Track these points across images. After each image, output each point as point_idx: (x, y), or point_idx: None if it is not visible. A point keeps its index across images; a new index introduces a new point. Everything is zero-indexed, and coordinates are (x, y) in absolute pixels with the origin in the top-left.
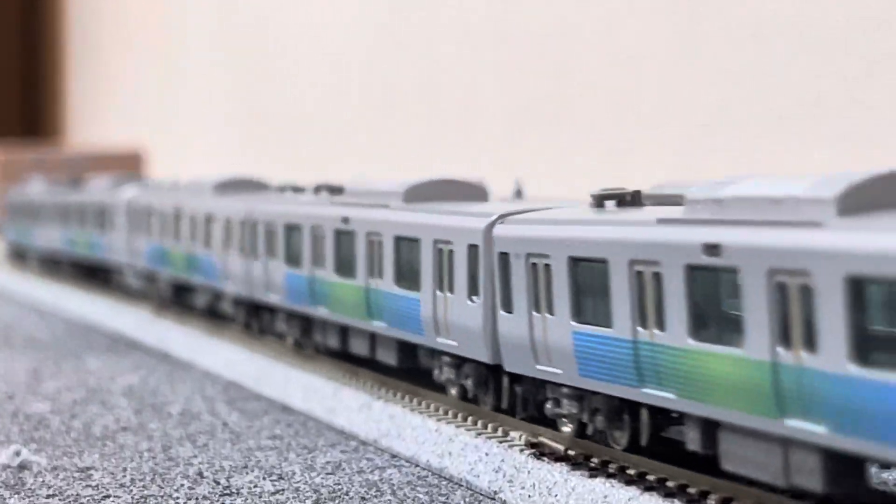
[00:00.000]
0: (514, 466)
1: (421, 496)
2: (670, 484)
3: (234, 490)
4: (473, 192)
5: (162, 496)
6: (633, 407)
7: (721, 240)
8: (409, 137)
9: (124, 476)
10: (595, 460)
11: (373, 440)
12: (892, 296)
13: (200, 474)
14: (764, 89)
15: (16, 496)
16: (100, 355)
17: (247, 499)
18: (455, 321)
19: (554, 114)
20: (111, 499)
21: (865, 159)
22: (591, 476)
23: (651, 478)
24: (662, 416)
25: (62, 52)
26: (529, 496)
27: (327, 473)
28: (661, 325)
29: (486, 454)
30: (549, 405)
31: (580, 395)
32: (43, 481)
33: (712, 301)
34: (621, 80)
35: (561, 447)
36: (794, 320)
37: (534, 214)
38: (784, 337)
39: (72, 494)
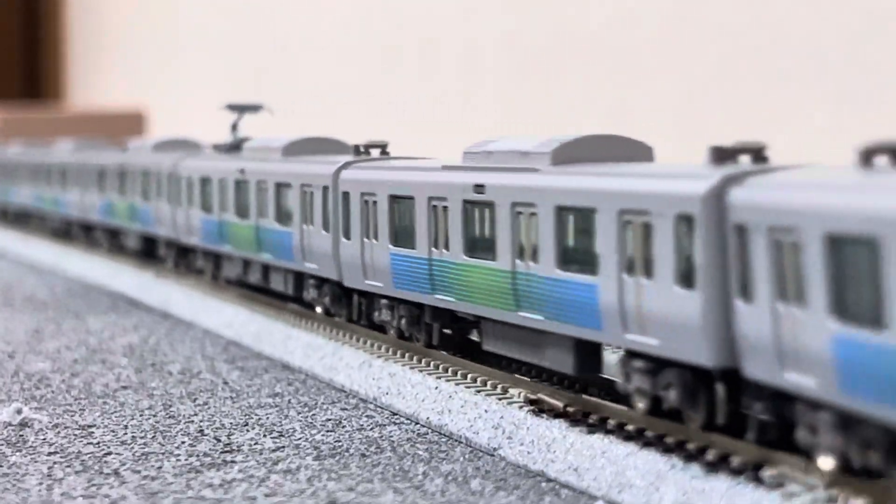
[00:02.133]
0: (513, 423)
1: (421, 453)
2: (668, 440)
3: (234, 447)
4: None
5: (163, 453)
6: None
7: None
8: (409, 96)
9: (125, 433)
10: (594, 417)
11: (373, 398)
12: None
13: (201, 432)
14: (764, 47)
15: (17, 453)
16: (100, 315)
17: (247, 456)
18: (314, 247)
19: (553, 71)
20: (112, 456)
21: (866, 116)
22: (590, 432)
23: (649, 434)
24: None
25: (63, 14)
26: (528, 452)
27: (327, 431)
28: (446, 246)
29: (486, 411)
30: (375, 313)
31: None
32: (44, 439)
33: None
34: (621, 38)
35: (559, 404)
36: (526, 241)
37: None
38: (520, 253)
39: (73, 452)
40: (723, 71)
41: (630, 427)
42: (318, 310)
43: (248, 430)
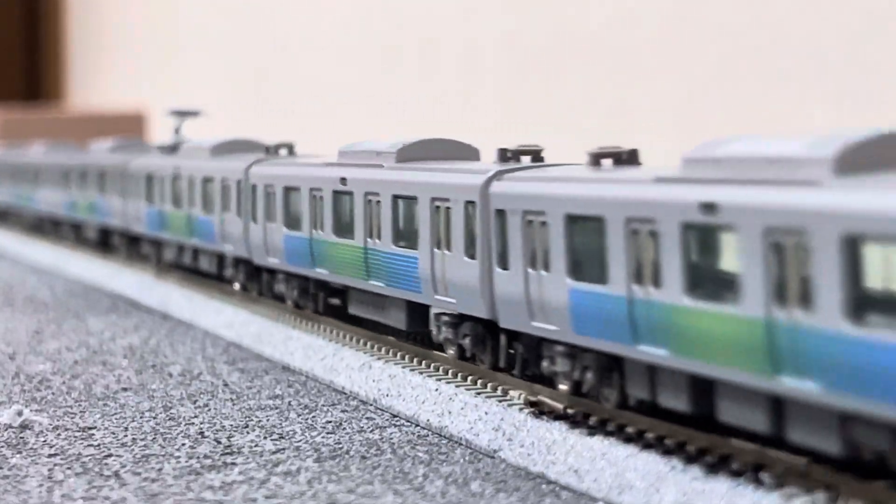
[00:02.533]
0: (513, 425)
1: (421, 455)
2: (668, 442)
3: (235, 449)
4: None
5: (163, 455)
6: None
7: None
8: (409, 96)
9: (126, 435)
10: (594, 419)
11: (373, 399)
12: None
13: (202, 434)
14: (764, 46)
15: (18, 455)
16: (101, 316)
17: (248, 458)
18: (231, 231)
19: (554, 71)
20: (113, 458)
21: (866, 116)
22: (590, 434)
23: (650, 436)
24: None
25: (63, 15)
26: (529, 454)
27: (328, 433)
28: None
29: (486, 413)
30: (276, 286)
31: None
32: (45, 441)
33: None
34: (622, 38)
35: (560, 406)
36: (374, 224)
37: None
38: (370, 232)
39: (73, 454)
40: (723, 70)
41: (630, 429)
42: (236, 286)
43: (248, 432)
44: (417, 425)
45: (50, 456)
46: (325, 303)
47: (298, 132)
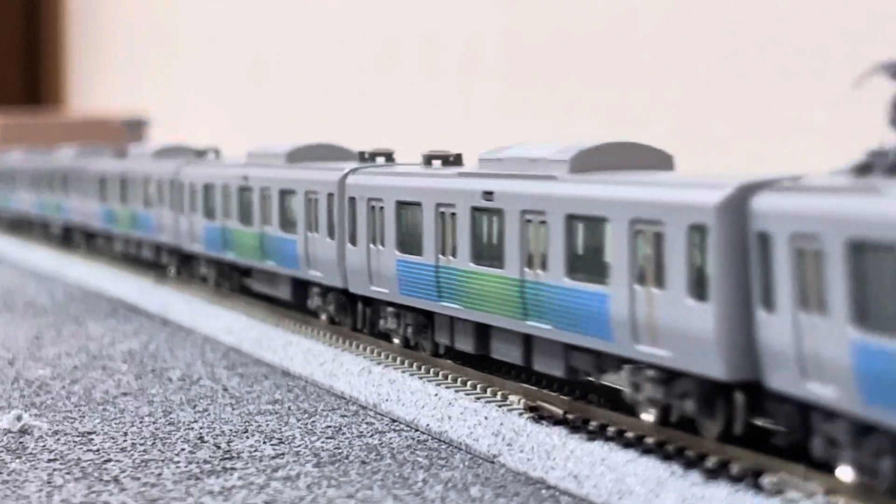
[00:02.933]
0: (512, 430)
1: (421, 460)
2: (668, 447)
3: (234, 454)
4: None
5: (163, 460)
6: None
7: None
8: (409, 96)
9: (125, 440)
10: (593, 423)
11: (373, 404)
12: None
13: (201, 438)
14: (765, 46)
15: (17, 460)
16: (100, 321)
17: (247, 463)
18: (164, 222)
19: (554, 71)
20: (112, 462)
21: (867, 116)
22: (590, 439)
23: (649, 441)
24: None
25: (63, 21)
26: (528, 459)
27: (327, 437)
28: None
29: (486, 418)
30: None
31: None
32: (44, 446)
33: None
34: (621, 38)
35: (559, 411)
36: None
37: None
38: (265, 220)
39: (73, 458)
40: (724, 70)
41: (630, 434)
42: (172, 271)
43: (247, 437)
44: (417, 430)
45: (49, 461)
46: (239, 283)
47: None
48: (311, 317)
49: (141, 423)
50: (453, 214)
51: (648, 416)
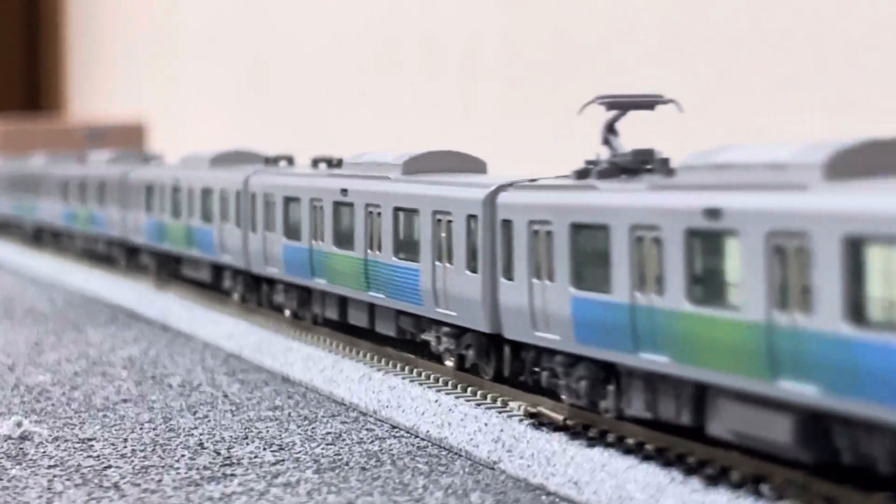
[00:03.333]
0: (513, 436)
1: (421, 466)
2: (668, 454)
3: (234, 460)
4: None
5: (163, 466)
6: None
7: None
8: (409, 103)
9: (125, 446)
10: (593, 430)
11: (373, 411)
12: None
13: (201, 445)
14: (764, 55)
15: (17, 466)
16: (100, 327)
17: (247, 469)
18: (113, 218)
19: (553, 80)
20: (112, 469)
21: (866, 125)
22: (590, 445)
23: (649, 447)
24: None
25: (63, 28)
26: (528, 466)
27: (327, 444)
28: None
29: (486, 424)
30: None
31: None
32: (44, 452)
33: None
34: (621, 47)
35: (560, 417)
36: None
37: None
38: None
39: (73, 465)
40: (724, 76)
41: (630, 440)
42: (121, 262)
43: (248, 444)
44: (417, 436)
45: (49, 467)
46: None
47: (299, 138)
48: (225, 295)
49: (141, 429)
50: (321, 207)
51: (449, 363)
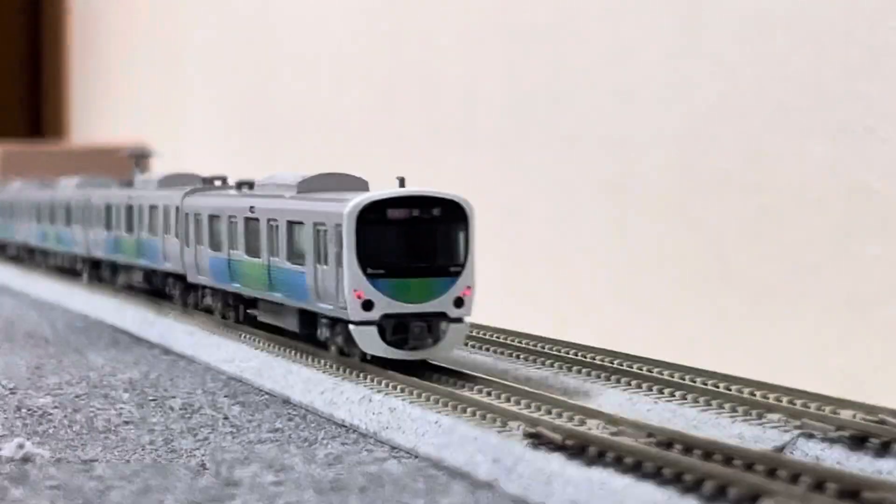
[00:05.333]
0: (511, 456)
1: (420, 486)
2: (666, 472)
3: (235, 482)
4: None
5: (165, 488)
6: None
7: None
8: (409, 132)
9: (127, 468)
10: (592, 449)
11: (373, 432)
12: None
13: (202, 466)
14: (764, 80)
15: (20, 488)
16: (101, 350)
17: (248, 490)
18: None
19: (553, 105)
20: (114, 490)
21: (866, 150)
22: (588, 465)
23: (647, 466)
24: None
25: (64, 57)
26: (527, 485)
27: (327, 465)
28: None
29: (485, 444)
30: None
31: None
32: (46, 474)
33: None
34: (620, 72)
35: (558, 437)
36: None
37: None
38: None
39: (75, 486)
40: (723, 103)
41: (628, 459)
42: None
43: (248, 465)
44: (417, 457)
45: (51, 488)
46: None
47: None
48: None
49: (142, 451)
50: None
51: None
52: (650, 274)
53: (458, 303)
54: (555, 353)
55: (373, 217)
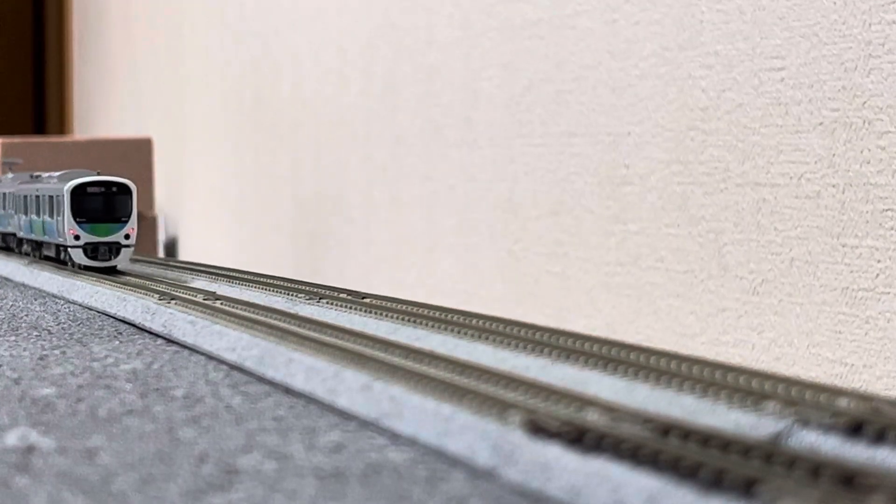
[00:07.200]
0: (510, 444)
1: (420, 474)
2: (663, 459)
3: (236, 470)
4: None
5: (168, 476)
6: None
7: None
8: (410, 131)
9: (130, 457)
10: (590, 437)
11: (373, 420)
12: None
13: (205, 455)
14: (760, 75)
15: (24, 477)
16: (104, 341)
17: (250, 478)
18: None
19: (552, 100)
20: (118, 478)
21: (862, 146)
22: (587, 452)
23: (645, 452)
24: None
25: (68, 58)
26: (526, 473)
27: (328, 453)
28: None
29: (484, 432)
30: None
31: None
32: (50, 462)
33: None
34: (617, 68)
35: (557, 424)
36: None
37: None
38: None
39: (79, 475)
40: (719, 99)
41: (626, 447)
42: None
43: (250, 453)
44: (417, 445)
45: (55, 477)
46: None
47: (298, 163)
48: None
49: (146, 440)
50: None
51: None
52: (648, 266)
53: (127, 237)
54: (553, 342)
55: (80, 191)
